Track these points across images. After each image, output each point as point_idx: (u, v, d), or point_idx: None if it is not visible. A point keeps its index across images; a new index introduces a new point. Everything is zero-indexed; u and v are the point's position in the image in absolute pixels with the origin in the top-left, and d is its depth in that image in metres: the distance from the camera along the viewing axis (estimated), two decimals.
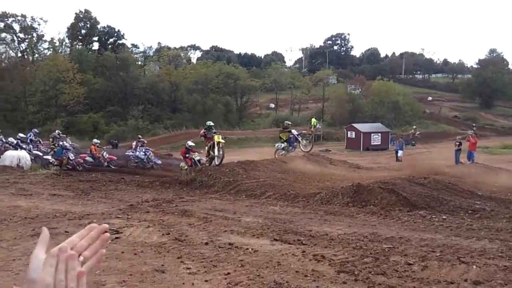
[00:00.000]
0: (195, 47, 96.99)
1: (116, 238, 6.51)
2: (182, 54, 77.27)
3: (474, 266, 5.03)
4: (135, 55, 70.07)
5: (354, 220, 8.17)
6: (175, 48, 77.82)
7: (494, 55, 76.60)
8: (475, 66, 77.78)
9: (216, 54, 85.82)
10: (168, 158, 25.30)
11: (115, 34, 69.71)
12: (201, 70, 59.47)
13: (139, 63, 68.73)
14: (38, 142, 21.32)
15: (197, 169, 14.26)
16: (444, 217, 8.19)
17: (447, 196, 9.43)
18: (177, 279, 4.66)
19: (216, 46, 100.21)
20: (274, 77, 63.04)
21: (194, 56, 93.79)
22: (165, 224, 7.52)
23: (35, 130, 22.55)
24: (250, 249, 5.82)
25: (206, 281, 4.60)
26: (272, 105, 63.89)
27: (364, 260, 5.31)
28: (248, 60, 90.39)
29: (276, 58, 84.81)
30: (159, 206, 9.65)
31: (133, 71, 56.86)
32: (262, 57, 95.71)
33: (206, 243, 6.16)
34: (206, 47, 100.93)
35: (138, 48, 78.26)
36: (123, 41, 70.56)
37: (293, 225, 7.53)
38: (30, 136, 20.79)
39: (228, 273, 4.80)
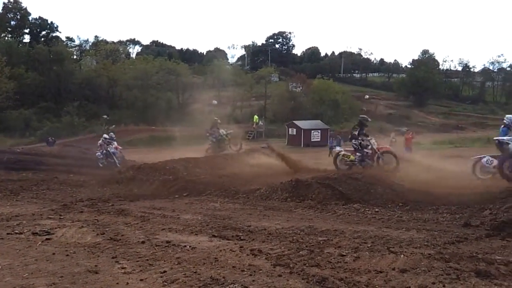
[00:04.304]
0: (134, 42, 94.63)
1: (47, 239, 6.22)
2: (120, 49, 74.94)
3: (402, 255, 5.30)
4: (70, 49, 67.28)
5: (292, 215, 8.36)
6: (113, 42, 75.56)
7: (427, 55, 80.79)
8: (409, 66, 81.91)
9: (157, 49, 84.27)
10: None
11: (48, 26, 66.60)
12: (141, 65, 58.00)
13: (75, 57, 66.04)
14: None
15: (136, 167, 13.93)
16: (376, 209, 8.59)
17: (380, 189, 9.87)
18: (111, 279, 4.53)
19: (157, 41, 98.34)
20: (216, 74, 62.77)
21: (134, 51, 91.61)
22: (100, 224, 7.29)
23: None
24: (188, 247, 5.78)
25: (141, 280, 4.50)
26: (215, 102, 63.59)
27: (299, 253, 5.44)
28: (190, 56, 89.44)
29: (218, 54, 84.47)
30: (94, 206, 9.33)
31: (68, 65, 54.39)
32: (204, 54, 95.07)
33: (143, 242, 6.04)
34: (146, 41, 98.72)
35: (74, 41, 75.59)
36: (56, 33, 67.84)
37: (232, 221, 7.57)
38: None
39: (164, 271, 4.74)
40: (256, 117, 48.57)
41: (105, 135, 19.43)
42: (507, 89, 77.39)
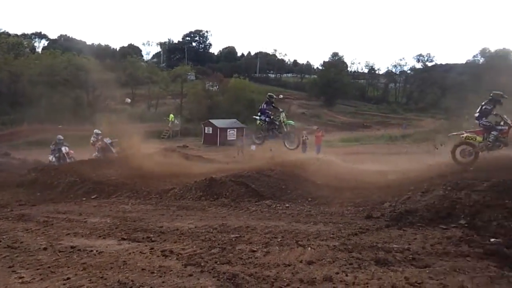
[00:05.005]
0: (40, 35, 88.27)
1: None
2: (25, 42, 69.43)
3: (309, 248, 5.55)
4: None
5: (206, 213, 8.35)
6: (16, 35, 69.82)
7: (336, 58, 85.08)
8: (320, 67, 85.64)
9: (65, 44, 79.24)
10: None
11: None
12: (47, 60, 54.21)
13: None
14: None
15: (39, 168, 13.01)
16: (287, 205, 8.89)
17: (291, 185, 10.22)
18: None
19: (66, 35, 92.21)
20: (130, 71, 60.63)
21: (40, 45, 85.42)
22: None
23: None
24: (95, 251, 5.54)
25: None
26: (128, 100, 61.38)
27: (211, 251, 5.46)
28: (101, 52, 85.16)
29: (132, 51, 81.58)
30: None
31: None
32: (117, 49, 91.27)
33: (45, 249, 5.68)
34: (53, 35, 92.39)
35: None
36: None
37: (144, 223, 7.38)
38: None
39: (68, 278, 4.51)
40: (172, 115, 47.79)
41: (97, 130, 17.64)
42: (408, 90, 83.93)
